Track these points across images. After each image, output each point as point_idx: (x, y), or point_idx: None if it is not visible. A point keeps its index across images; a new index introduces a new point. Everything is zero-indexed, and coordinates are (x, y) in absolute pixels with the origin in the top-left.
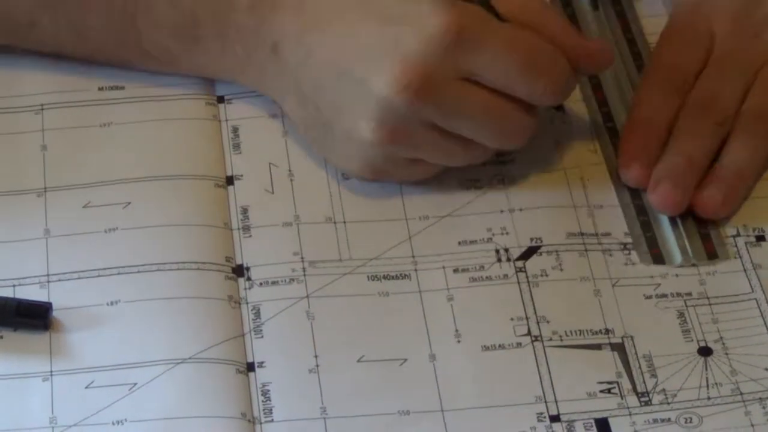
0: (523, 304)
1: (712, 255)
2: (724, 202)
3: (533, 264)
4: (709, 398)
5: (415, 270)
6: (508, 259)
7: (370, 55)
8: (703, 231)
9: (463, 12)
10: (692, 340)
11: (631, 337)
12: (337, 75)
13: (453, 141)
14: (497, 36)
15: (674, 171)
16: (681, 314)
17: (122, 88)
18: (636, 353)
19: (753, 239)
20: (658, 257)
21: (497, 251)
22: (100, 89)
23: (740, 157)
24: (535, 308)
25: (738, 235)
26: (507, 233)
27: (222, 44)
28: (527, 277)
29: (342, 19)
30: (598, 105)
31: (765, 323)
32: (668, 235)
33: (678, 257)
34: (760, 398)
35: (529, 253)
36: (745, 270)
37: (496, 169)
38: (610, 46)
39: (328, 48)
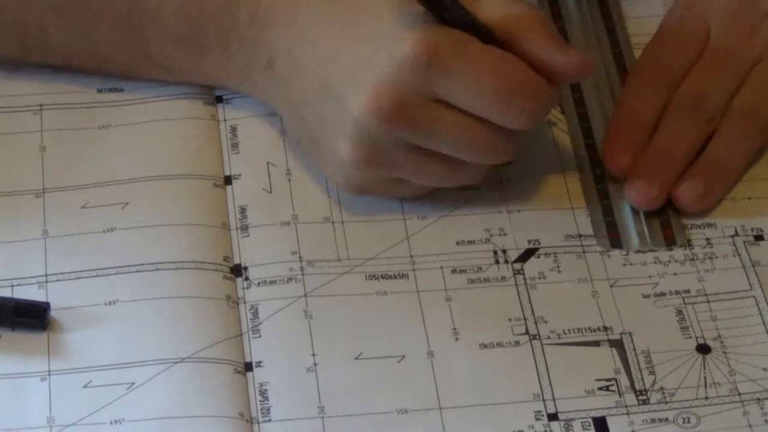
0: (521, 305)
1: (670, 241)
2: (703, 196)
3: (531, 266)
4: (707, 398)
5: (413, 270)
6: (506, 261)
7: (348, 74)
8: (663, 217)
9: (438, 35)
10: (691, 337)
11: (630, 334)
12: (320, 91)
13: (434, 162)
14: (472, 61)
15: (653, 167)
16: (679, 312)
17: (121, 90)
18: (634, 349)
19: (751, 239)
20: (616, 242)
21: (495, 252)
22: (99, 91)
23: (723, 153)
24: (533, 309)
25: (737, 234)
26: (505, 234)
27: (225, 55)
28: (525, 279)
29: (328, 36)
30: (579, 120)
31: (763, 321)
32: (628, 221)
33: (636, 242)
34: (758, 399)
35: (527, 255)
36: (744, 267)
37: (494, 171)
38: (592, 60)
39: (315, 64)
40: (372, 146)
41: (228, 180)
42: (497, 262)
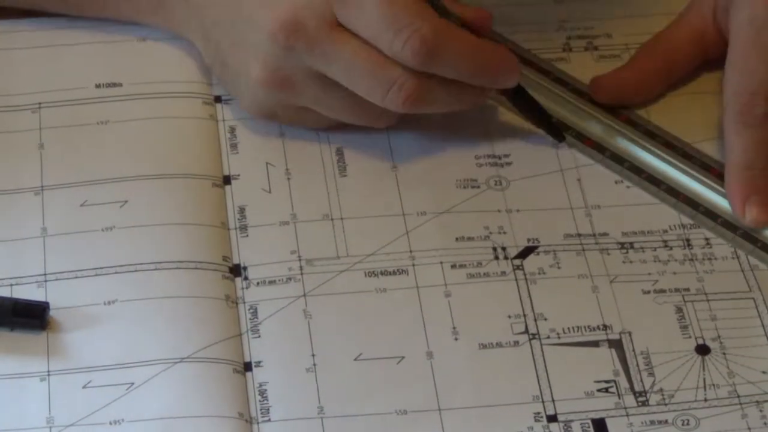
0: (521, 301)
1: None
2: None
3: (531, 263)
4: (706, 400)
5: (413, 265)
6: (506, 257)
7: None
8: None
9: None
10: (690, 337)
11: (629, 333)
12: (232, 13)
13: (337, 92)
14: None
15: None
16: (679, 309)
17: (120, 85)
18: (634, 350)
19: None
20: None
21: (495, 249)
22: (97, 86)
23: None
24: (532, 306)
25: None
26: (504, 233)
27: None
28: (525, 274)
29: None
30: None
31: (762, 324)
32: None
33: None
34: (757, 401)
35: (526, 252)
36: (742, 270)
37: (493, 171)
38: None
39: None
40: (277, 67)
41: (227, 180)
42: (497, 258)
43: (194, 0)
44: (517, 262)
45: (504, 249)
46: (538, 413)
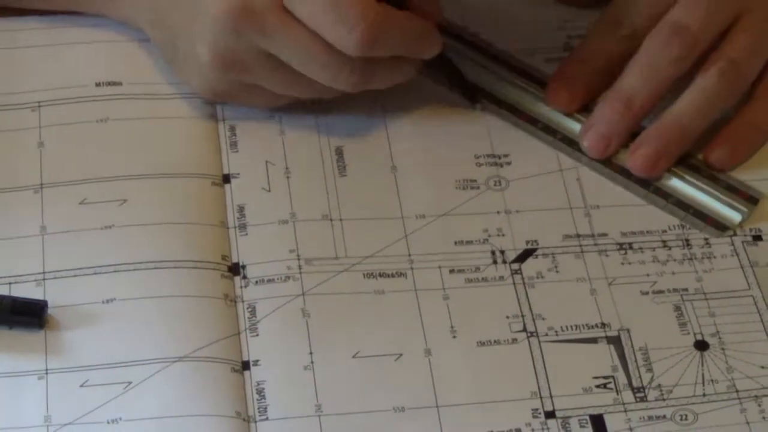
0: (519, 303)
1: (753, 199)
2: (656, 163)
3: (529, 266)
4: (704, 395)
5: (411, 269)
6: (504, 261)
7: None
8: (728, 182)
9: None
10: (689, 333)
11: (628, 330)
12: None
13: (287, 71)
14: None
15: (608, 116)
16: (677, 308)
17: (119, 83)
18: (632, 346)
19: (750, 239)
20: (718, 225)
21: (493, 253)
22: (97, 85)
23: (689, 110)
24: (530, 307)
25: (735, 234)
26: (503, 235)
27: None
28: (523, 279)
29: None
30: None
31: (761, 320)
32: (712, 203)
33: (736, 216)
34: (755, 396)
35: (525, 255)
36: (741, 267)
37: (493, 170)
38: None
39: None
40: (227, 48)
41: (226, 179)
42: (495, 262)
43: None
44: (515, 266)
45: (503, 252)
46: (536, 409)
